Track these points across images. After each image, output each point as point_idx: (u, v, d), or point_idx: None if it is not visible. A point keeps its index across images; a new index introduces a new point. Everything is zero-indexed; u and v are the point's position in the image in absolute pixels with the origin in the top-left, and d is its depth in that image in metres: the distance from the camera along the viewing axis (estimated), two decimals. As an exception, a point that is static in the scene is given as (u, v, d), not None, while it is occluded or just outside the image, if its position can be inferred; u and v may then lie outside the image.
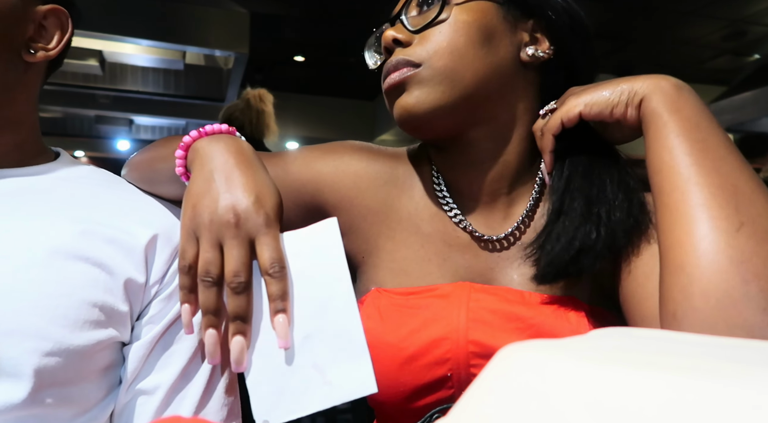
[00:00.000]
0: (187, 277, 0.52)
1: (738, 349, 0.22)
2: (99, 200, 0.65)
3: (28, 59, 0.64)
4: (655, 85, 0.56)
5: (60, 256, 0.57)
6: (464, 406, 0.21)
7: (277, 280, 0.51)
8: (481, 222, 0.68)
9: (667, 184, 0.51)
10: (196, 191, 0.54)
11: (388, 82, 0.64)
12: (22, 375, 0.52)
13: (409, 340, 0.62)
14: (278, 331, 0.51)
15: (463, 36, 0.62)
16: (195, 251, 0.52)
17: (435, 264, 0.68)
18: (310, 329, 0.51)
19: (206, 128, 0.60)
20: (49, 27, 0.65)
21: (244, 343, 0.51)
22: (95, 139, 9.12)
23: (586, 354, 0.20)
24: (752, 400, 0.16)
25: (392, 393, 0.63)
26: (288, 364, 0.51)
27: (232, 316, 0.51)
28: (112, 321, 0.58)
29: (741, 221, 0.46)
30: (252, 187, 0.53)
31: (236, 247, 0.50)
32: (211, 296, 0.51)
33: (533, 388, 0.19)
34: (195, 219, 0.52)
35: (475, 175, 0.68)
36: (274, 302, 0.51)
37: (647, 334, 0.25)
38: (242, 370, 0.51)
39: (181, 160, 0.60)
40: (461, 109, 0.63)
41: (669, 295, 0.47)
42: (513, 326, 0.60)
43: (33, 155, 0.68)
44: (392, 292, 0.67)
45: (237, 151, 0.56)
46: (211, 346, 0.52)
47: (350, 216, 0.71)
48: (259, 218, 0.51)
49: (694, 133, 0.52)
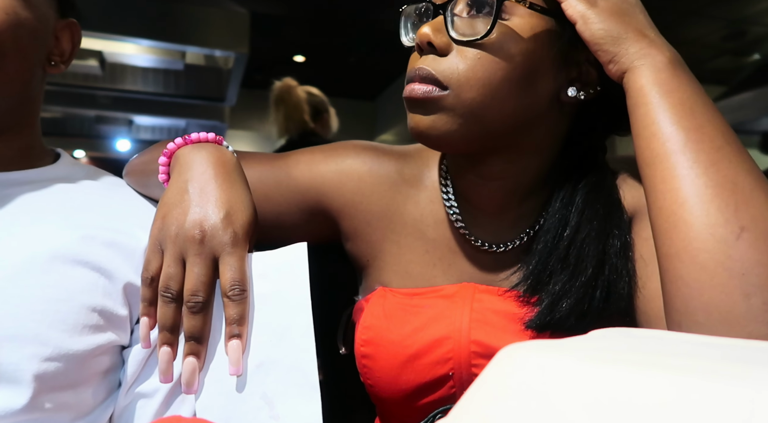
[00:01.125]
0: (149, 290, 0.51)
1: (738, 349, 0.22)
2: (99, 203, 0.65)
3: (48, 70, 0.67)
4: (648, 57, 0.50)
5: (60, 261, 0.57)
6: (465, 406, 0.21)
7: (235, 303, 0.49)
8: (487, 231, 0.66)
9: (660, 182, 0.46)
10: (168, 201, 0.53)
11: (410, 93, 0.57)
12: (21, 380, 0.52)
13: (412, 338, 0.62)
14: (231, 357, 0.49)
15: (502, 70, 0.54)
16: (159, 263, 0.50)
17: (440, 269, 0.67)
18: (265, 357, 0.49)
19: (192, 136, 0.59)
20: (63, 39, 0.68)
21: (197, 365, 0.50)
22: (95, 139, 9.10)
23: (586, 354, 0.20)
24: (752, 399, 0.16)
25: (394, 390, 0.63)
26: (238, 392, 0.49)
27: (187, 335, 0.49)
28: (112, 325, 0.58)
29: (741, 226, 0.42)
30: (224, 203, 0.51)
31: (198, 265, 0.49)
32: (169, 312, 0.50)
33: (533, 388, 0.19)
34: (162, 230, 0.51)
35: (486, 188, 0.64)
36: (230, 326, 0.49)
37: (647, 334, 0.25)
38: (192, 393, 0.50)
39: (164, 167, 0.59)
40: (479, 140, 0.58)
41: (672, 306, 0.45)
42: (515, 327, 0.60)
43: (36, 158, 0.69)
44: (397, 292, 0.67)
45: (217, 161, 0.55)
46: (163, 363, 0.50)
47: (355, 221, 0.70)
48: (226, 236, 0.50)
49: (689, 119, 0.47)
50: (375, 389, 0.65)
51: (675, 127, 0.47)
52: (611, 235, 0.59)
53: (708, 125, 0.47)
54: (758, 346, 0.22)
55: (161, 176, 0.59)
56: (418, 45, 0.57)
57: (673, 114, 0.47)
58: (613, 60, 0.51)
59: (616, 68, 0.52)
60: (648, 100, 0.49)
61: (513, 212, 0.65)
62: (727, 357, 0.20)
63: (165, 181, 0.59)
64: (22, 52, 0.61)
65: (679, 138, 0.46)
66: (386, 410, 0.68)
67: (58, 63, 0.68)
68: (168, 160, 0.59)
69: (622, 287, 0.58)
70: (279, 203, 0.68)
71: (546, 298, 0.59)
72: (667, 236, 0.45)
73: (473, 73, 0.55)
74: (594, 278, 0.58)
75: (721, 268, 0.42)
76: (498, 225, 0.66)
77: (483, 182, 0.64)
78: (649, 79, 0.49)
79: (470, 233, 0.66)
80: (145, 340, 0.52)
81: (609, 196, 0.61)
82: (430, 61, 0.56)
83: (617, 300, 0.58)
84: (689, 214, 0.44)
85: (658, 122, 0.48)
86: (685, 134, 0.46)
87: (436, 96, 0.55)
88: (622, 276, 0.58)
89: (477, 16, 0.55)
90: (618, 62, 0.51)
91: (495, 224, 0.66)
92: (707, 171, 0.44)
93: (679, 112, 0.47)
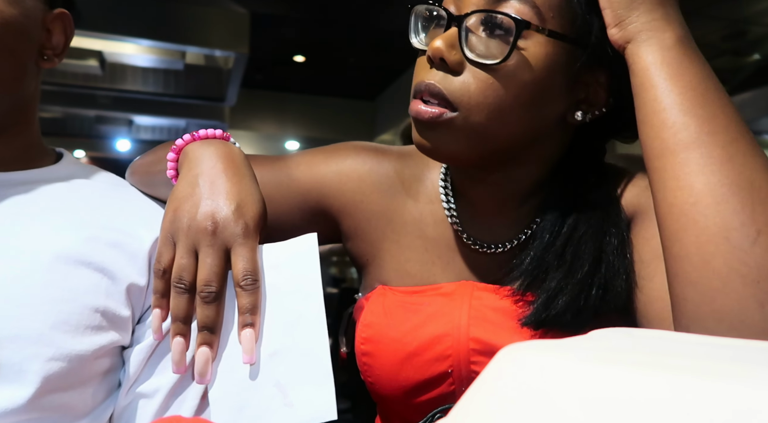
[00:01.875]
0: (161, 282, 0.51)
1: (738, 349, 0.22)
2: (102, 203, 0.65)
3: (41, 65, 0.65)
4: (657, 31, 0.47)
5: (63, 262, 0.57)
6: (465, 406, 0.21)
7: (248, 292, 0.50)
8: (486, 231, 0.66)
9: (671, 178, 0.44)
10: (179, 195, 0.53)
11: (417, 114, 0.55)
12: (23, 380, 0.52)
13: (411, 335, 0.62)
14: (244, 346, 0.50)
15: (513, 97, 0.53)
16: (171, 255, 0.51)
17: (439, 267, 0.67)
18: (278, 346, 0.50)
19: (200, 132, 0.59)
20: (55, 31, 0.66)
21: (210, 354, 0.50)
22: (95, 139, 9.10)
23: (586, 354, 0.20)
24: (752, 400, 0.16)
25: (393, 387, 0.63)
26: (251, 380, 0.50)
27: (200, 326, 0.50)
28: (114, 326, 0.58)
29: (757, 229, 0.40)
30: (235, 195, 0.52)
31: (211, 256, 0.50)
32: (182, 303, 0.50)
33: (533, 388, 0.19)
34: (174, 223, 0.51)
35: (485, 191, 0.64)
36: (243, 315, 0.50)
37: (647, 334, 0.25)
38: (206, 383, 0.50)
39: (172, 163, 0.60)
40: (483, 157, 0.58)
41: (682, 310, 0.43)
42: (514, 324, 0.60)
43: (37, 158, 0.68)
44: (397, 290, 0.67)
45: (226, 156, 0.55)
46: (177, 354, 0.51)
47: (355, 220, 0.71)
48: (237, 228, 0.50)
49: (702, 107, 0.43)
50: (375, 387, 0.66)
51: (687, 117, 0.44)
52: (608, 233, 0.59)
53: (721, 115, 0.44)
54: (758, 346, 0.22)
55: (169, 172, 0.60)
56: (430, 58, 0.55)
57: (685, 100, 0.44)
58: (621, 24, 0.49)
59: (620, 35, 0.49)
60: (656, 82, 0.46)
61: (512, 213, 0.65)
62: (727, 357, 0.20)
63: (173, 176, 0.60)
64: (9, 51, 0.59)
65: (691, 129, 0.43)
66: (386, 408, 0.69)
67: (51, 57, 0.66)
68: (176, 156, 0.59)
69: (620, 285, 0.57)
70: (280, 205, 0.69)
71: (542, 294, 0.58)
72: (677, 237, 0.43)
73: (484, 98, 0.53)
74: (590, 276, 0.57)
75: (736, 275, 0.40)
76: (497, 225, 0.66)
77: (483, 186, 0.64)
78: (657, 57, 0.46)
79: (468, 235, 0.66)
80: (156, 332, 0.52)
81: (607, 195, 0.61)
82: (440, 78, 0.54)
83: (614, 298, 0.58)
84: (702, 216, 0.41)
85: (668, 109, 0.45)
86: (698, 125, 0.43)
87: (445, 119, 0.54)
88: (620, 274, 0.57)
89: (493, 37, 0.53)
90: (624, 29, 0.48)
91: (494, 223, 0.66)
92: (722, 167, 0.42)
93: (691, 99, 0.44)
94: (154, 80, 6.08)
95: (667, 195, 0.44)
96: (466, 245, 0.67)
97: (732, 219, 0.40)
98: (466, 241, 0.66)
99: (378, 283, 0.70)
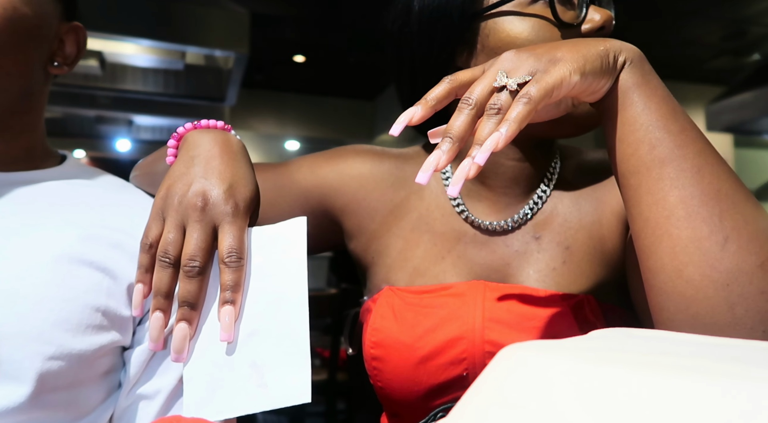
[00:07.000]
0: (147, 256, 0.51)
1: (737, 349, 0.22)
2: (105, 204, 0.66)
3: (51, 71, 0.68)
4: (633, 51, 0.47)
5: (64, 261, 0.57)
6: (465, 406, 0.21)
7: (231, 269, 0.50)
8: (491, 208, 0.67)
9: (646, 193, 0.45)
10: (173, 173, 0.54)
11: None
12: (23, 378, 0.52)
13: (425, 339, 0.62)
14: (222, 323, 0.49)
15: None
16: (159, 231, 0.51)
17: (449, 262, 0.67)
18: (257, 326, 0.50)
19: (201, 122, 0.60)
20: (68, 42, 0.69)
21: (188, 331, 0.50)
22: (95, 139, 9.09)
23: (586, 354, 0.20)
24: (752, 399, 0.16)
25: (408, 392, 0.63)
26: (227, 360, 0.49)
27: (181, 300, 0.49)
28: (115, 325, 0.59)
29: (725, 236, 0.42)
30: (228, 176, 0.53)
31: (198, 231, 0.50)
32: (165, 277, 0.50)
33: (533, 388, 0.19)
34: (166, 199, 0.52)
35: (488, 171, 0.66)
36: (224, 292, 0.50)
37: (647, 334, 0.25)
38: (182, 361, 0.50)
39: (172, 149, 0.60)
40: None
41: (658, 318, 0.45)
42: (529, 325, 0.60)
43: (41, 159, 0.69)
44: (406, 290, 0.66)
45: (224, 142, 0.56)
46: (155, 330, 0.50)
47: (357, 218, 0.71)
48: (227, 206, 0.51)
49: (672, 123, 0.44)
50: (386, 391, 0.65)
51: (662, 132, 0.44)
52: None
53: (689, 127, 0.45)
54: (758, 346, 0.22)
55: (169, 159, 0.61)
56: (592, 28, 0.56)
57: (660, 117, 0.45)
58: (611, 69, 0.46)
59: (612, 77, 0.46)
60: (633, 99, 0.46)
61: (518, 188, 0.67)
62: (727, 357, 0.20)
63: (173, 162, 0.60)
64: (19, 48, 0.61)
65: (666, 144, 0.44)
66: (398, 411, 0.68)
67: (62, 64, 0.68)
68: (177, 143, 0.60)
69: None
70: (283, 209, 0.69)
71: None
72: (652, 250, 0.44)
73: None
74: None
75: (707, 281, 0.41)
76: (502, 199, 0.67)
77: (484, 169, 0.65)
78: (637, 77, 0.46)
79: (473, 215, 0.67)
80: (137, 308, 0.52)
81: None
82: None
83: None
84: (675, 228, 0.43)
85: (646, 126, 0.45)
86: (672, 140, 0.44)
87: None
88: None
89: None
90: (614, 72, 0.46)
91: (498, 198, 0.67)
92: (692, 179, 0.43)
93: (666, 115, 0.45)
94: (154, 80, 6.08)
95: (643, 210, 0.45)
96: (476, 235, 0.67)
97: (702, 229, 0.42)
98: (472, 221, 0.66)
99: (384, 283, 0.69)
